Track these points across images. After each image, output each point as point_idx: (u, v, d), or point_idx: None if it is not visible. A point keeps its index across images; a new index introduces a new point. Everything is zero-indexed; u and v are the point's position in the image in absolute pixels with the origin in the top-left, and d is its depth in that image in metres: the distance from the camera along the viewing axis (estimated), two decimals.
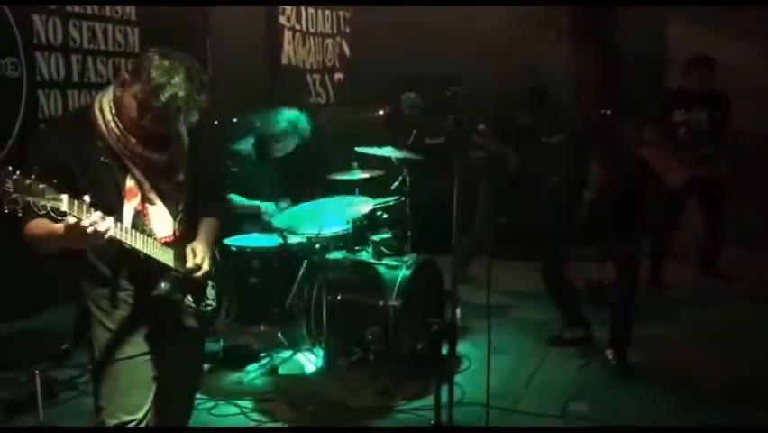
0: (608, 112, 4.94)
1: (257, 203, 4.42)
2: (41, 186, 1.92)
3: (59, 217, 1.97)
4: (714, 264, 6.02)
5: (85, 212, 2.00)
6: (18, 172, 1.89)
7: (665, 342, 4.60)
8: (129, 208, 2.28)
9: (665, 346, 4.53)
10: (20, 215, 1.93)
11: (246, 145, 4.44)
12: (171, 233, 2.42)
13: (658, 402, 3.82)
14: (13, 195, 1.87)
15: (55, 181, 1.96)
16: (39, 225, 2.11)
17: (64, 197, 1.95)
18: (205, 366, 3.95)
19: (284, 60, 6.55)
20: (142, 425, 2.41)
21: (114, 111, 2.25)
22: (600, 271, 5.04)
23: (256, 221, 4.46)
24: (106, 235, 2.06)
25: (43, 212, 1.93)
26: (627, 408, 3.75)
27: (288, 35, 6.58)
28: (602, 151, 4.27)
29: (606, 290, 5.17)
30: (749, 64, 6.38)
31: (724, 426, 3.51)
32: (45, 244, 2.16)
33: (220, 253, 2.71)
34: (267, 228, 4.37)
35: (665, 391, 3.93)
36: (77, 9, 4.67)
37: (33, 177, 1.91)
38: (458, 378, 3.94)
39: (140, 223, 2.30)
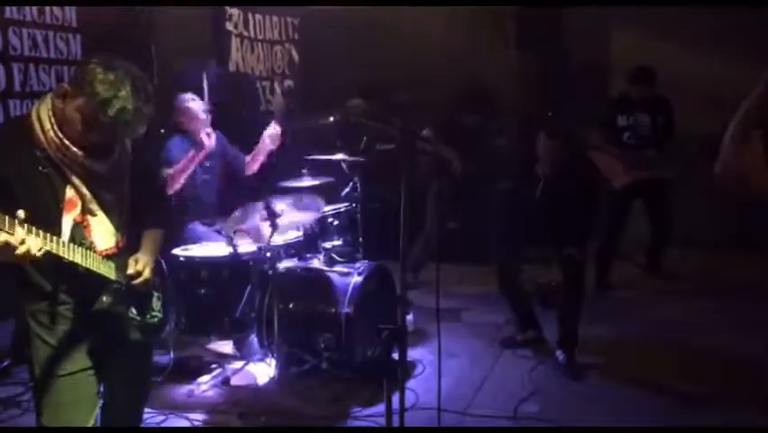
0: (550, 114, 5.03)
1: None
2: None
3: None
4: (659, 265, 6.18)
5: (17, 227, 1.93)
6: None
7: (613, 342, 4.68)
8: (68, 220, 2.21)
9: (613, 346, 4.61)
10: None
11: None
12: (114, 244, 2.36)
13: (607, 402, 3.88)
14: None
15: None
16: None
17: None
18: (156, 379, 3.87)
19: (232, 68, 6.49)
20: None
21: (53, 121, 2.18)
22: (548, 274, 5.11)
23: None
24: (39, 253, 2.00)
25: None
26: (577, 408, 3.80)
27: (235, 42, 6.53)
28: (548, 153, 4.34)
29: (554, 291, 5.25)
30: (691, 69, 6.56)
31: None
32: None
33: (168, 264, 2.66)
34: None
35: (613, 391, 4.00)
36: (16, 16, 4.54)
37: None
38: (411, 383, 3.95)
39: (79, 235, 2.24)
